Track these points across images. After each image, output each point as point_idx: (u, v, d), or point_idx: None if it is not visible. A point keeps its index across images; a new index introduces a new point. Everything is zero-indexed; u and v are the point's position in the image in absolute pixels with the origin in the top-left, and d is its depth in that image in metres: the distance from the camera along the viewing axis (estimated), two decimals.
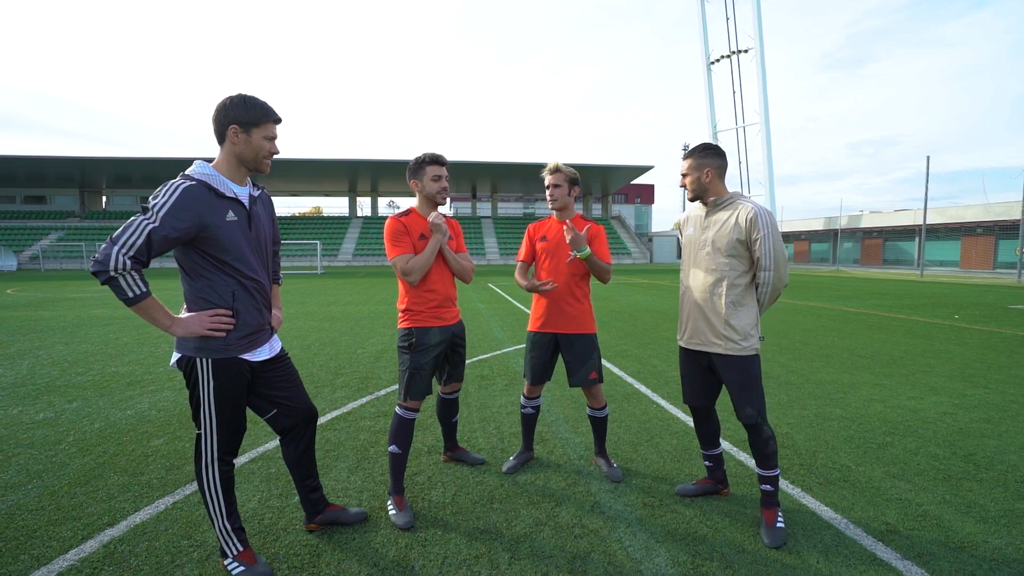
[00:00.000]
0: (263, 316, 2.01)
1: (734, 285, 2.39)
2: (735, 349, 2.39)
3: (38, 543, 2.24)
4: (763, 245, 2.31)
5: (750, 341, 2.39)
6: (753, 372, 2.41)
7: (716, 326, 2.42)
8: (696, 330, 2.51)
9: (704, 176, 2.44)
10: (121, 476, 2.91)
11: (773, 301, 2.45)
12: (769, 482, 2.42)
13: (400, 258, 2.52)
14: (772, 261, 2.32)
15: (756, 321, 2.43)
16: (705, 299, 2.46)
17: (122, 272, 1.65)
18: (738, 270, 2.39)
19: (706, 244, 2.45)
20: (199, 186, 1.79)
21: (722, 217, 2.42)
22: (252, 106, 1.86)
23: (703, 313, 2.46)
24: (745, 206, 2.36)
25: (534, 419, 3.11)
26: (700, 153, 2.45)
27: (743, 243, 2.35)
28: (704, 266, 2.46)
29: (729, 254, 2.38)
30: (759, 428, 2.39)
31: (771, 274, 2.34)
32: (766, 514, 2.40)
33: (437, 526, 2.41)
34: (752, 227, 2.32)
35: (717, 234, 2.41)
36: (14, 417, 3.96)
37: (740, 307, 2.40)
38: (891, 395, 4.58)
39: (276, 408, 2.10)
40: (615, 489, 2.79)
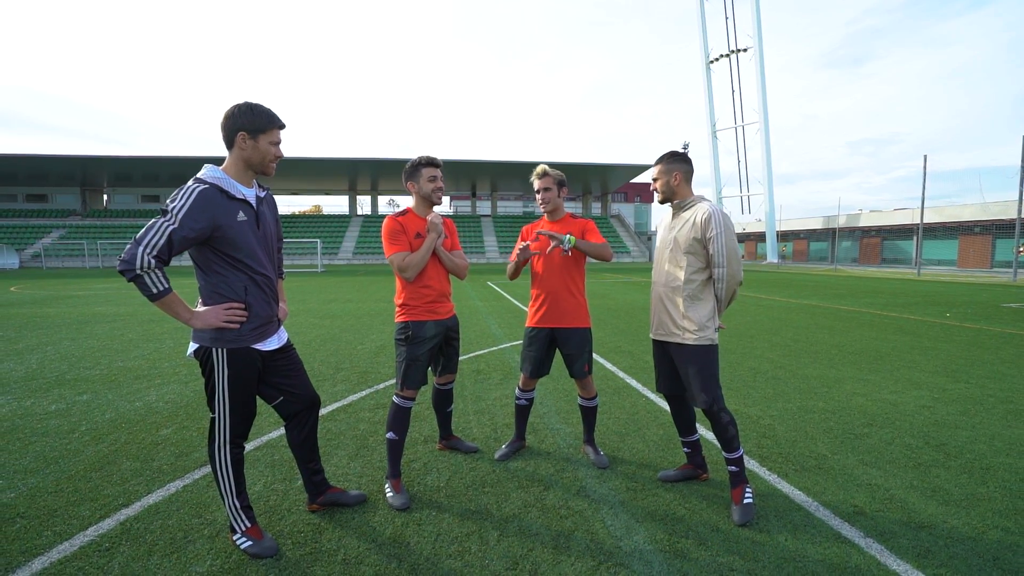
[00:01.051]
0: (272, 308, 2.17)
1: (691, 280, 2.58)
2: (690, 339, 2.58)
3: (59, 521, 2.40)
4: (715, 243, 2.49)
5: (705, 332, 2.57)
6: (707, 362, 2.58)
7: (675, 318, 2.63)
8: (660, 322, 2.72)
9: (672, 180, 2.64)
10: (133, 462, 3.07)
11: (731, 295, 2.62)
12: (734, 463, 2.59)
13: (397, 255, 2.68)
14: (724, 258, 2.50)
15: (712, 315, 2.61)
16: (666, 293, 2.66)
17: (147, 270, 1.82)
18: (695, 266, 2.58)
19: (671, 243, 2.64)
20: (212, 189, 1.94)
21: (684, 217, 2.62)
22: (258, 114, 2.01)
23: (665, 306, 2.67)
24: (702, 206, 2.56)
25: (527, 410, 3.27)
26: (668, 159, 2.66)
27: (700, 241, 2.54)
28: (667, 263, 2.66)
29: (687, 251, 2.57)
30: (716, 415, 2.57)
31: (724, 270, 2.52)
32: (734, 493, 2.58)
33: (431, 507, 2.57)
34: (706, 226, 2.50)
35: (679, 233, 2.60)
36: (28, 408, 4.12)
37: (696, 301, 2.59)
38: (874, 389, 4.73)
39: (283, 395, 2.26)
40: (601, 475, 2.95)
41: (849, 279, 22.81)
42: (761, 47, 48.05)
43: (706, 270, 2.59)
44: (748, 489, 2.57)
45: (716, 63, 52.78)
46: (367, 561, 2.12)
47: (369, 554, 2.17)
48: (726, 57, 52.11)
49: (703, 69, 52.90)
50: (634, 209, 72.27)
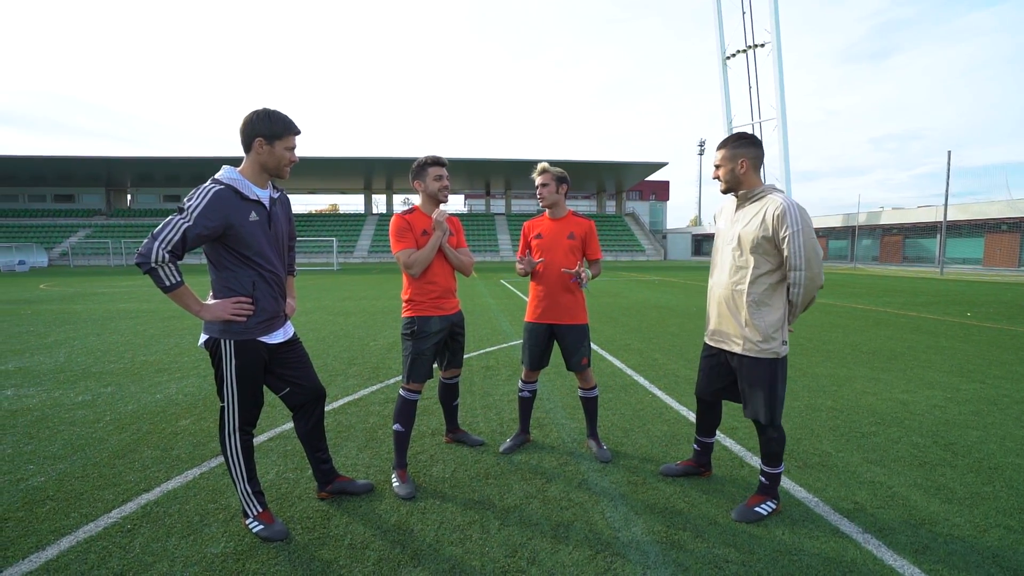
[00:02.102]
0: (279, 304, 2.27)
1: (757, 283, 2.30)
2: (753, 350, 2.33)
3: (85, 504, 2.54)
4: (792, 243, 2.19)
5: (771, 344, 2.30)
6: (770, 377, 2.32)
7: (737, 325, 2.36)
8: (718, 328, 2.48)
9: (738, 167, 2.34)
10: (154, 451, 3.21)
11: (808, 303, 2.33)
12: (769, 477, 2.46)
13: (403, 252, 2.77)
14: (803, 260, 2.20)
15: (781, 323, 2.32)
16: (727, 296, 2.40)
17: (161, 264, 1.93)
18: (763, 268, 2.29)
19: (734, 239, 2.37)
20: (227, 190, 2.05)
21: (751, 211, 2.33)
22: (276, 121, 2.11)
23: (725, 311, 2.41)
24: (774, 200, 2.26)
25: (530, 403, 3.34)
26: (734, 143, 2.35)
27: (770, 240, 2.24)
28: (729, 262, 2.39)
29: (754, 251, 2.28)
30: (765, 429, 2.42)
31: (802, 274, 2.22)
32: (752, 498, 2.50)
33: (436, 497, 2.65)
34: (780, 223, 2.21)
35: (744, 229, 2.32)
36: (56, 399, 4.31)
37: (763, 307, 2.30)
38: (884, 389, 4.69)
39: (289, 386, 2.36)
40: (603, 469, 3.00)
41: (868, 278, 22.39)
42: (779, 42, 47.26)
43: (776, 272, 2.30)
44: (771, 504, 2.45)
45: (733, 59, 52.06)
46: (372, 546, 2.21)
47: (374, 540, 2.26)
48: (743, 53, 51.37)
49: (719, 65, 52.22)
50: (649, 207, 71.70)
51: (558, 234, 3.08)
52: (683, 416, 3.94)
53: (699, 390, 2.70)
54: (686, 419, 3.87)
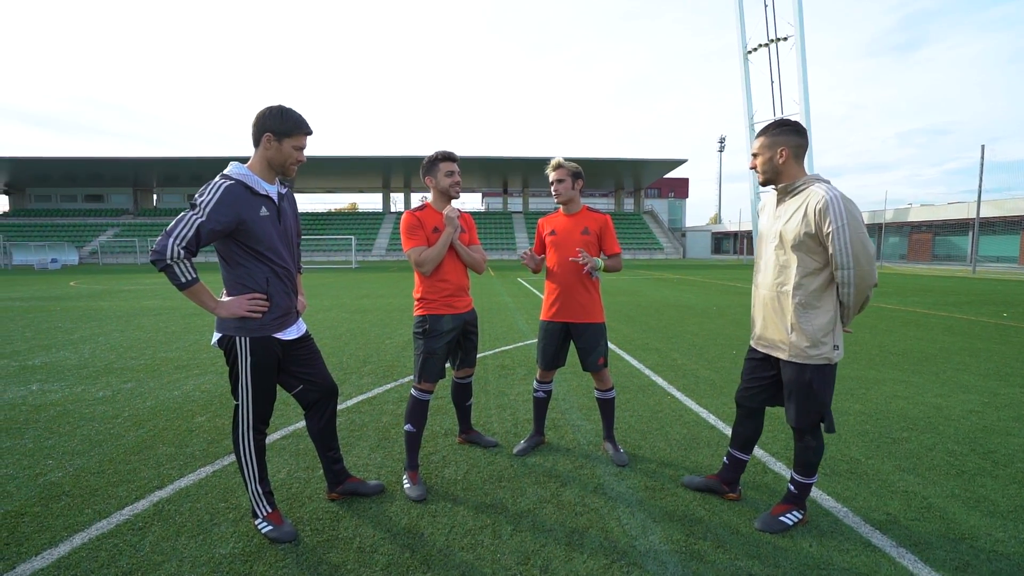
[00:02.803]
0: (291, 300, 2.24)
1: (803, 284, 2.13)
2: (800, 356, 2.16)
3: (99, 500, 2.55)
4: (837, 239, 2.02)
5: (820, 349, 2.13)
6: (818, 385, 2.17)
7: (782, 329, 2.20)
8: (763, 332, 2.32)
9: (777, 156, 2.17)
10: (169, 447, 3.22)
11: (861, 304, 2.15)
12: (798, 486, 2.32)
13: (414, 250, 2.71)
14: (850, 257, 2.02)
15: (832, 327, 2.14)
16: (772, 298, 2.24)
17: (176, 260, 1.91)
18: (808, 267, 2.12)
19: (775, 236, 2.20)
20: (238, 185, 2.02)
21: (792, 206, 2.16)
22: (287, 118, 2.08)
23: (770, 314, 2.26)
24: (816, 193, 2.07)
25: (545, 403, 3.26)
26: (774, 130, 2.18)
27: (813, 236, 2.07)
28: (772, 261, 2.23)
29: (797, 248, 2.12)
30: (803, 435, 2.27)
31: (850, 272, 2.05)
32: (777, 506, 2.37)
33: (447, 500, 2.59)
34: (822, 218, 2.03)
35: (785, 226, 2.15)
36: (79, 395, 4.38)
37: (811, 309, 2.13)
38: (916, 392, 4.49)
39: (302, 383, 2.33)
40: (620, 473, 2.91)
41: (896, 276, 21.71)
42: (803, 35, 46.16)
43: (824, 271, 2.12)
44: (797, 514, 2.32)
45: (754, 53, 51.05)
46: (381, 550, 2.16)
47: (384, 543, 2.21)
48: (765, 47, 50.32)
49: (740, 60, 51.25)
50: (667, 205, 70.83)
51: (572, 230, 2.99)
52: (703, 419, 3.81)
53: (740, 395, 2.50)
54: (705, 422, 3.75)
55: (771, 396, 2.43)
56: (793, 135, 2.19)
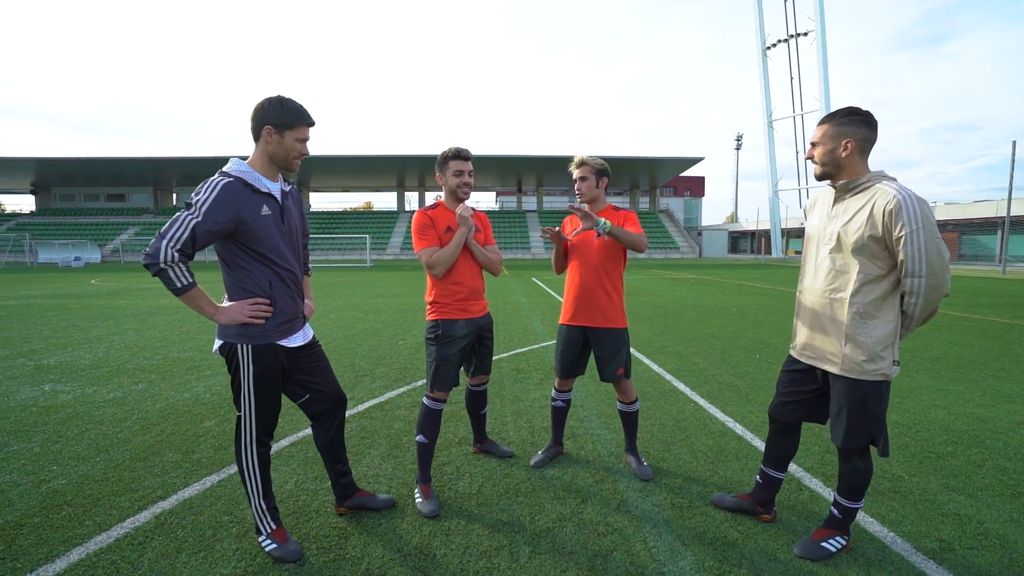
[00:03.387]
0: (297, 304, 2.11)
1: (863, 291, 1.93)
2: (855, 371, 1.96)
3: (100, 511, 2.45)
4: (910, 244, 1.81)
5: (877, 364, 1.93)
6: (873, 403, 1.97)
7: (834, 340, 2.00)
8: (810, 342, 2.11)
9: (840, 148, 1.96)
10: (175, 454, 3.13)
11: (928, 316, 1.94)
12: (842, 510, 2.12)
13: (425, 251, 2.56)
14: (923, 265, 1.82)
15: (891, 340, 1.95)
16: (824, 306, 2.03)
17: (171, 264, 1.78)
18: (871, 273, 1.92)
19: (831, 237, 2.00)
20: (236, 182, 1.89)
21: (854, 204, 1.95)
22: (288, 109, 1.94)
23: (820, 323, 2.05)
24: (884, 192, 1.87)
25: (564, 413, 3.10)
26: (842, 118, 1.96)
27: (879, 240, 1.88)
28: (825, 265, 2.03)
29: (859, 252, 1.92)
30: (851, 457, 2.06)
31: (922, 281, 1.84)
32: (818, 530, 2.18)
33: (461, 516, 2.45)
34: (894, 220, 1.83)
35: (845, 226, 1.95)
36: (90, 396, 4.33)
37: (870, 320, 1.93)
38: (956, 401, 4.23)
39: (308, 393, 2.20)
40: (643, 488, 2.73)
41: None
42: (823, 30, 45.23)
43: (888, 278, 1.93)
44: (840, 540, 2.13)
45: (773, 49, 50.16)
46: (391, 572, 2.02)
47: (394, 565, 2.07)
48: (784, 42, 49.43)
49: (759, 56, 50.39)
50: (683, 204, 70.00)
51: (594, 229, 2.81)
52: (729, 428, 3.62)
53: (775, 409, 2.31)
54: (732, 432, 3.56)
55: (811, 411, 2.24)
56: (863, 126, 1.96)
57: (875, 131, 1.98)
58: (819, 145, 2.03)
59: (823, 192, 2.16)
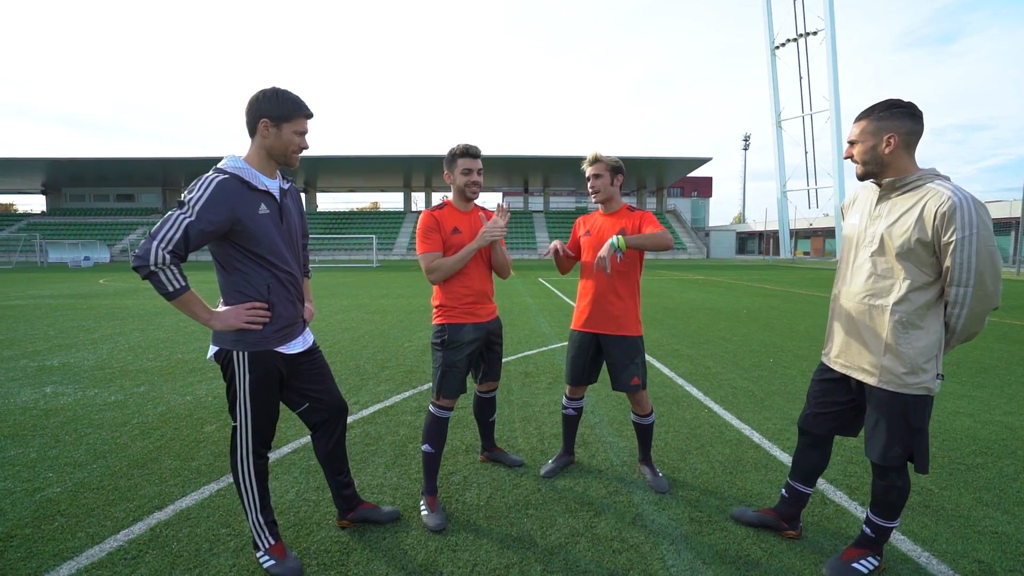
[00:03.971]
0: (297, 309, 2.01)
1: (907, 299, 1.79)
2: (895, 384, 1.82)
3: (94, 521, 2.36)
4: (961, 251, 1.67)
5: (919, 377, 1.80)
6: (913, 418, 1.83)
7: (873, 350, 1.86)
8: (846, 350, 1.98)
9: (883, 145, 1.81)
10: (174, 460, 3.04)
11: (973, 329, 1.80)
12: (875, 529, 1.99)
13: (425, 256, 2.45)
14: (972, 274, 1.68)
15: (935, 352, 1.81)
16: (862, 312, 1.90)
17: (162, 267, 1.68)
18: (916, 279, 1.78)
19: (873, 239, 1.86)
20: (232, 179, 1.79)
21: (902, 204, 1.80)
22: (284, 101, 1.84)
23: (857, 331, 1.92)
24: (938, 193, 1.72)
25: (576, 421, 2.98)
26: (883, 111, 1.81)
27: (927, 245, 1.74)
28: (866, 269, 1.89)
29: (903, 257, 1.78)
30: (888, 473, 1.92)
31: (968, 291, 1.71)
32: (848, 550, 2.05)
33: (469, 530, 2.33)
34: (945, 224, 1.69)
35: (891, 228, 1.80)
36: (91, 399, 4.26)
37: (913, 330, 1.80)
38: (982, 409, 4.07)
39: (308, 402, 2.10)
40: (659, 500, 2.61)
41: None
42: (833, 29, 44.82)
43: (933, 286, 1.79)
44: (873, 560, 2.01)
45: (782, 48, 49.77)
46: None
47: None
48: (793, 42, 49.02)
49: (767, 55, 50.02)
50: (690, 204, 69.60)
51: (608, 231, 2.68)
52: (745, 436, 3.48)
53: (806, 421, 2.17)
54: (749, 440, 3.42)
55: (844, 424, 2.10)
56: (907, 119, 1.80)
57: (920, 123, 1.83)
58: (858, 143, 1.88)
59: (864, 189, 2.02)
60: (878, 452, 1.90)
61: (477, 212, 2.62)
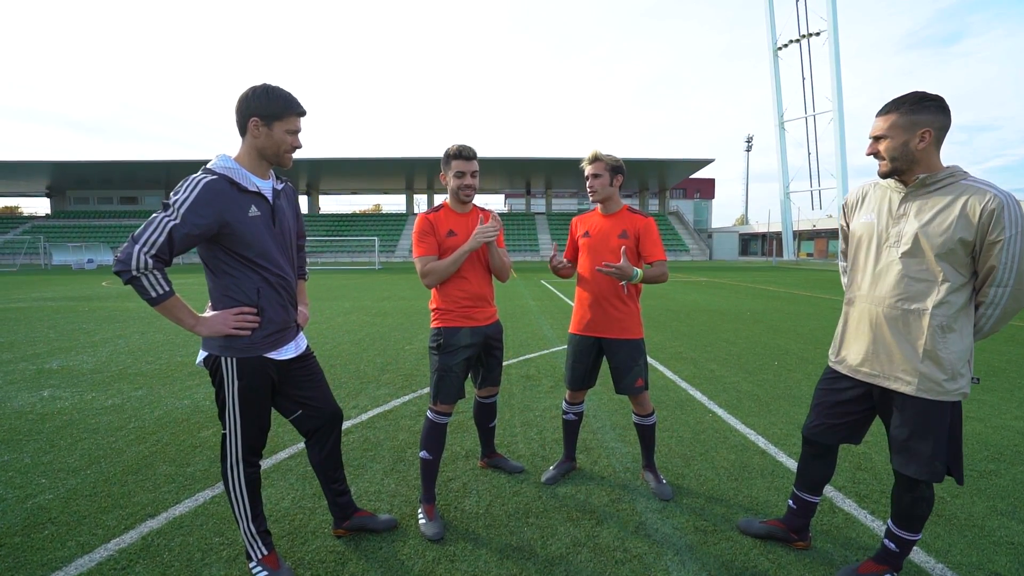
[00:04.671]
0: (289, 313, 1.95)
1: (947, 302, 1.71)
2: (934, 391, 1.73)
3: (85, 530, 2.31)
4: (1008, 250, 1.62)
5: (958, 383, 1.73)
6: (946, 424, 1.76)
7: (909, 357, 1.77)
8: (872, 358, 1.87)
9: (917, 140, 1.71)
10: (169, 466, 2.99)
11: (998, 329, 1.78)
12: (897, 542, 1.91)
13: (420, 259, 2.40)
14: (1013, 275, 1.65)
15: (970, 354, 1.76)
16: (895, 318, 1.79)
17: (144, 271, 1.62)
18: (955, 281, 1.71)
19: (902, 239, 1.77)
20: (220, 180, 1.73)
21: (936, 203, 1.72)
22: (274, 98, 1.78)
23: (885, 337, 1.82)
24: (980, 191, 1.66)
25: (576, 426, 2.92)
26: (914, 104, 1.71)
27: (967, 244, 1.67)
28: (897, 271, 1.78)
29: (943, 258, 1.70)
30: (917, 485, 1.83)
31: (1007, 291, 1.67)
32: (866, 563, 1.98)
33: (467, 539, 2.27)
34: (993, 223, 1.62)
35: (927, 228, 1.71)
36: (88, 402, 4.22)
37: (950, 333, 1.72)
38: (993, 413, 3.99)
39: (301, 408, 2.04)
40: (663, 508, 2.54)
41: None
42: (836, 30, 44.72)
43: (968, 286, 1.74)
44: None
45: (784, 49, 49.67)
46: None
47: None
48: (795, 43, 48.92)
49: (770, 56, 49.92)
50: (693, 206, 69.45)
51: (608, 233, 2.63)
52: (751, 442, 3.41)
53: (811, 430, 2.08)
54: (755, 445, 3.35)
55: (852, 433, 2.03)
56: (939, 113, 1.71)
57: (950, 118, 1.74)
58: (887, 138, 1.76)
59: (871, 187, 1.93)
60: (918, 466, 1.79)
61: (476, 214, 2.56)
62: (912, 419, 1.80)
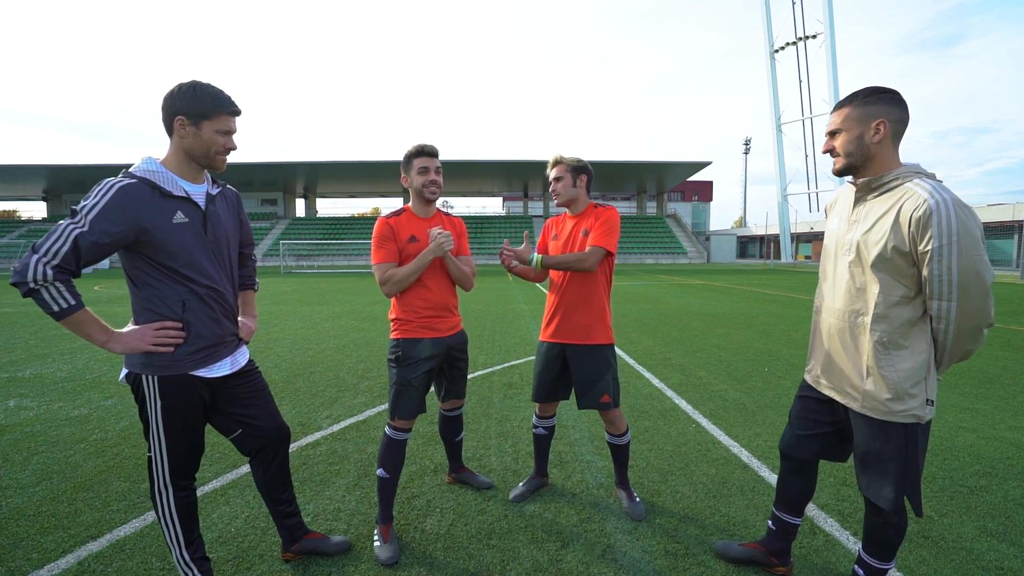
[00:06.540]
0: (222, 327, 1.81)
1: (885, 317, 1.59)
2: (879, 411, 1.62)
3: (19, 555, 2.18)
4: (939, 262, 1.46)
5: (906, 404, 1.59)
6: (903, 448, 1.62)
7: (854, 372, 1.68)
8: (828, 370, 1.79)
9: (872, 132, 1.59)
10: (124, 482, 2.86)
11: (967, 347, 1.57)
12: (868, 571, 1.78)
13: (379, 267, 2.28)
14: (953, 287, 1.47)
15: (923, 375, 1.59)
16: (842, 329, 1.71)
17: (44, 283, 1.47)
18: (894, 294, 1.57)
19: (850, 247, 1.66)
20: (139, 184, 1.61)
21: (879, 207, 1.59)
22: (202, 95, 1.66)
23: (840, 349, 1.73)
24: (914, 195, 1.51)
25: (547, 440, 2.79)
26: (868, 97, 1.60)
27: (905, 255, 1.53)
28: (846, 281, 1.68)
29: (880, 268, 1.58)
30: (879, 509, 1.72)
31: (951, 306, 1.50)
32: None
33: (423, 563, 2.15)
34: (920, 229, 1.48)
35: (866, 236, 1.60)
36: (54, 412, 4.09)
37: (896, 350, 1.59)
38: (985, 423, 3.87)
39: (241, 428, 1.91)
40: (634, 529, 2.42)
41: None
42: (832, 32, 44.77)
43: (916, 299, 1.58)
44: None
45: (782, 52, 49.73)
46: None
47: None
48: (793, 45, 48.98)
49: (767, 59, 49.98)
50: (691, 208, 69.45)
51: (573, 233, 2.51)
52: (733, 455, 3.29)
53: (787, 444, 1.98)
54: (737, 459, 3.23)
55: (829, 448, 1.91)
56: (894, 105, 1.58)
57: (907, 112, 1.61)
58: (841, 132, 1.65)
59: (845, 190, 1.80)
60: (870, 488, 1.69)
61: (439, 218, 2.45)
62: (866, 438, 1.69)
